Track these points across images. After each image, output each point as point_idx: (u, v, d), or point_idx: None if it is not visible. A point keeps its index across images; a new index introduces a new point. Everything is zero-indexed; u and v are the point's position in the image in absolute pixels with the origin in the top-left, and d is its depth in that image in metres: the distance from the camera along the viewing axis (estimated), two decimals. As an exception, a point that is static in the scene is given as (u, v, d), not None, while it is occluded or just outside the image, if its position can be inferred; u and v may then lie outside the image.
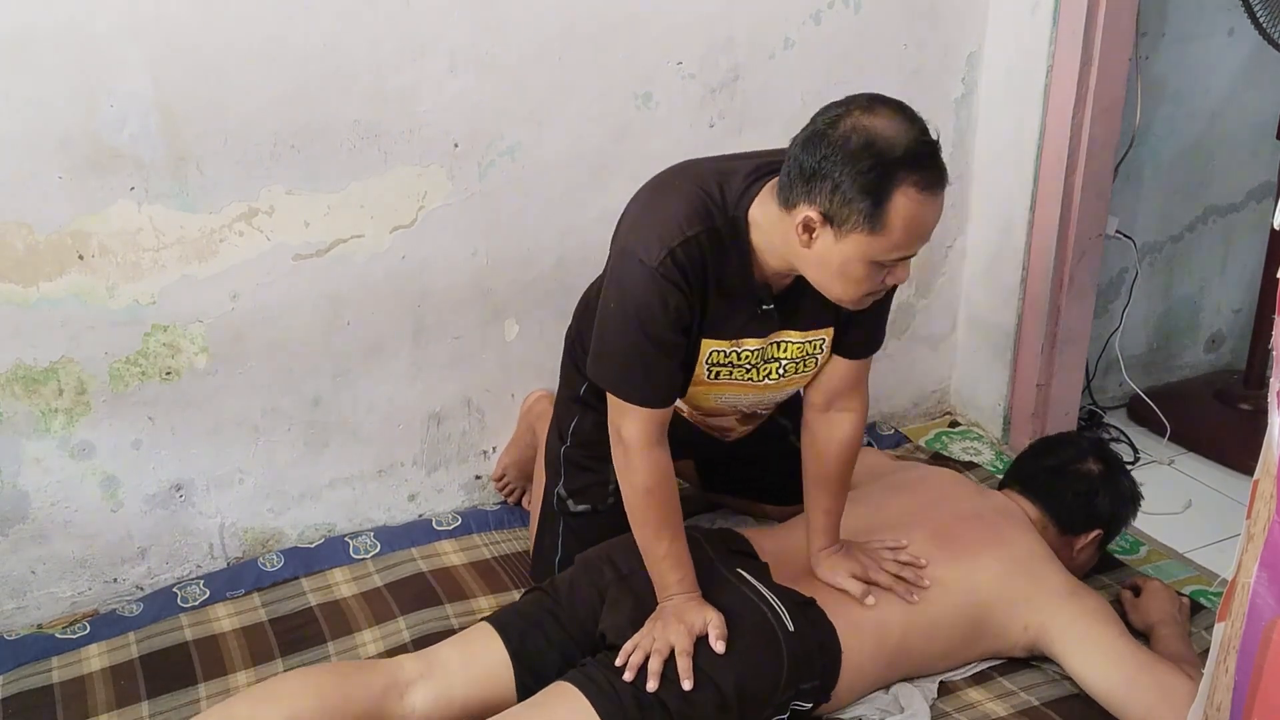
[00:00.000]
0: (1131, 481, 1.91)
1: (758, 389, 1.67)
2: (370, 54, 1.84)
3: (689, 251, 1.47)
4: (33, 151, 1.68)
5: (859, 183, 1.33)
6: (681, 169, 1.59)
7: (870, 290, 1.45)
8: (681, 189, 1.52)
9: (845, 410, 1.70)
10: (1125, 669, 1.60)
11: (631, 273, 1.49)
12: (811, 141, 1.37)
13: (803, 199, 1.38)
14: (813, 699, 1.59)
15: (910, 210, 1.35)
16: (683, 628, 1.51)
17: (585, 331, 1.79)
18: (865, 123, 1.34)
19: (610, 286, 1.55)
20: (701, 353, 1.59)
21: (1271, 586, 1.04)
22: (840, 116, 1.36)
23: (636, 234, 1.52)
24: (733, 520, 2.11)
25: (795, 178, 1.39)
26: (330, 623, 1.87)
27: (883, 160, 1.33)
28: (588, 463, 1.85)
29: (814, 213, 1.37)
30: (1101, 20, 2.14)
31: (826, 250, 1.39)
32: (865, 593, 1.64)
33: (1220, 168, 2.69)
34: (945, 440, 2.51)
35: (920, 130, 1.37)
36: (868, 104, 1.37)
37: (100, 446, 1.88)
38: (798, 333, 1.61)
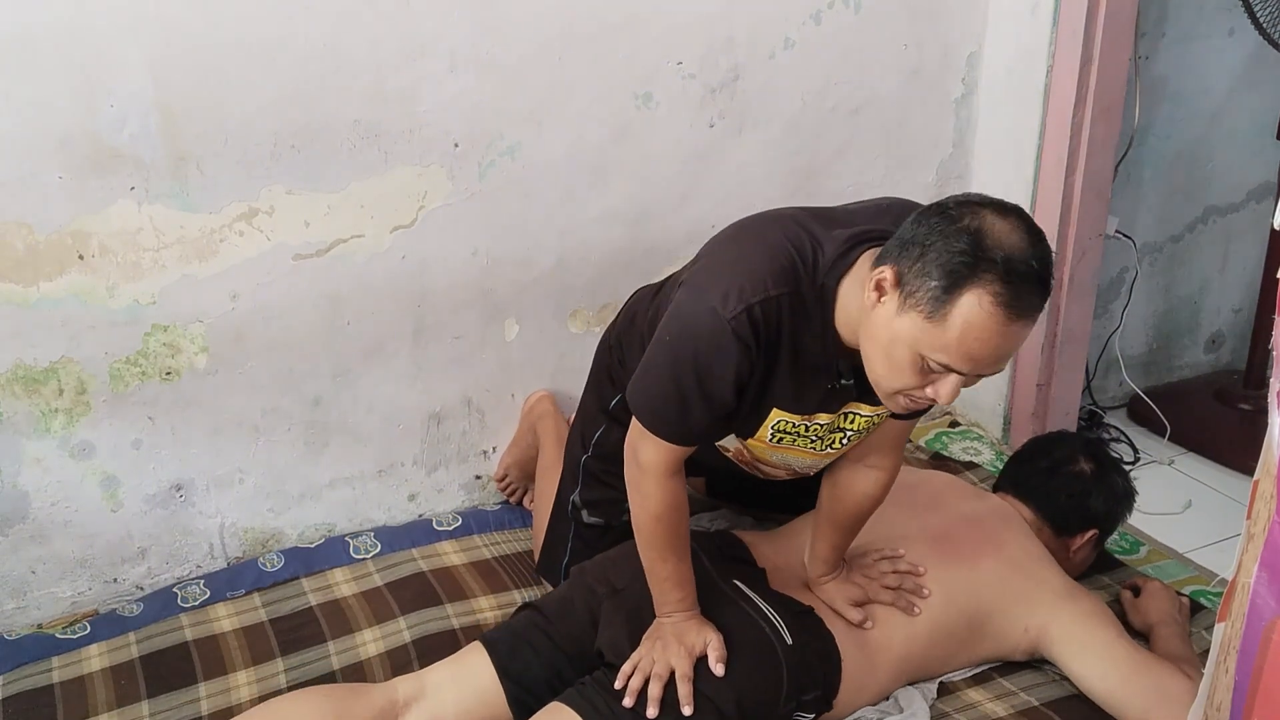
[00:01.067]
0: (1125, 479, 1.91)
1: (820, 456, 1.61)
2: (370, 54, 1.84)
3: (767, 312, 1.38)
4: (33, 151, 1.68)
5: (943, 260, 1.23)
6: (777, 219, 1.48)
7: (907, 387, 1.32)
8: (773, 243, 1.42)
9: (876, 468, 1.64)
10: (1123, 670, 1.60)
11: (700, 316, 1.40)
12: (928, 212, 1.29)
13: (890, 260, 1.29)
14: (815, 709, 1.59)
15: (975, 318, 1.22)
16: (682, 650, 1.49)
17: (626, 343, 1.76)
18: (989, 215, 1.25)
19: (673, 320, 1.46)
20: (768, 419, 1.52)
21: (1271, 586, 1.04)
22: (972, 202, 1.28)
23: (714, 277, 1.42)
24: (732, 520, 2.11)
25: (896, 241, 1.30)
26: (330, 622, 1.87)
27: (978, 251, 1.22)
28: (607, 477, 1.81)
29: (890, 272, 1.28)
30: (1101, 20, 2.15)
31: (885, 319, 1.29)
32: (864, 618, 1.63)
33: (1220, 168, 2.69)
34: (945, 440, 2.51)
35: (1038, 254, 1.24)
36: (1006, 208, 1.28)
37: (100, 446, 1.88)
38: (869, 406, 1.53)
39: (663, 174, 2.15)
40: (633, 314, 1.79)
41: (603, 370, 1.85)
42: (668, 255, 2.20)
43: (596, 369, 1.88)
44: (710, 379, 1.41)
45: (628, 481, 1.54)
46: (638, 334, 1.72)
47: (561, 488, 1.91)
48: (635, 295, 1.85)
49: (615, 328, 1.84)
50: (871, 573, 1.69)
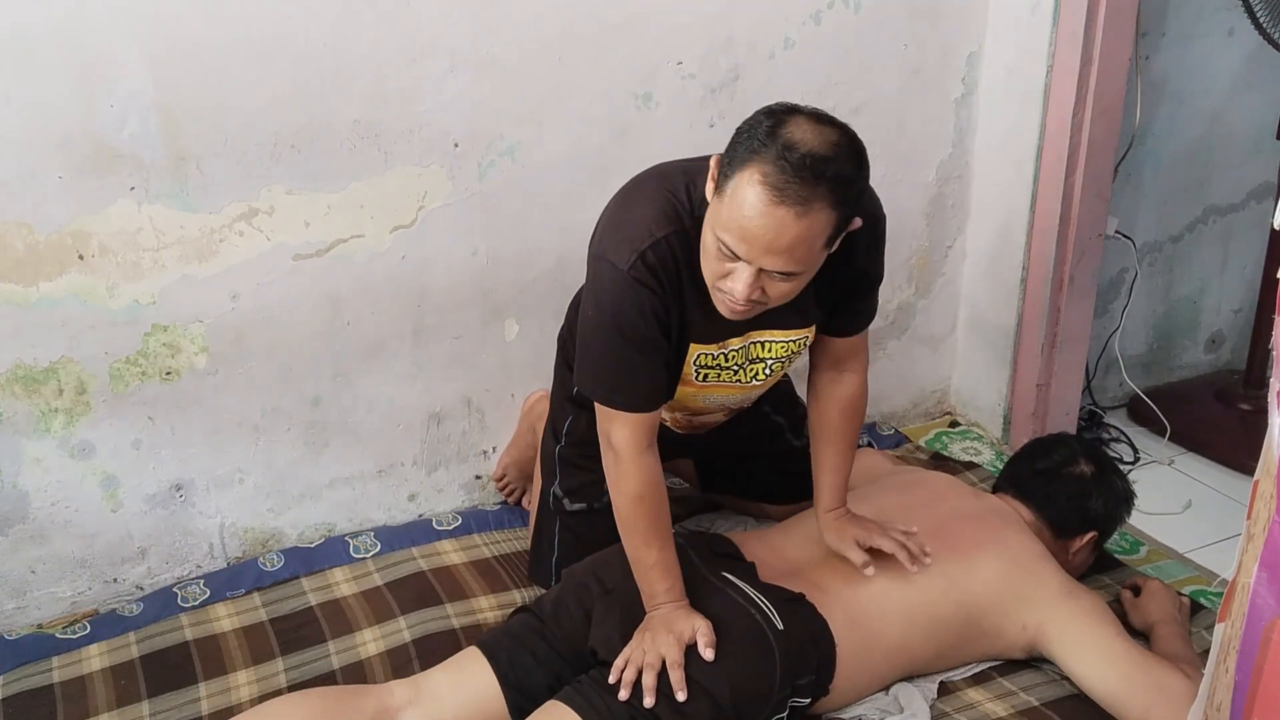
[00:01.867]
0: (1124, 481, 1.91)
1: (745, 389, 1.69)
2: (370, 54, 1.84)
3: (659, 253, 1.47)
4: (33, 151, 1.68)
5: (739, 148, 1.35)
6: (650, 173, 1.59)
7: (716, 277, 1.41)
8: (649, 192, 1.52)
9: (846, 370, 1.73)
10: (1123, 669, 1.60)
11: (605, 277, 1.50)
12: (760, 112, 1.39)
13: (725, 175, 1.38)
14: (811, 694, 1.59)
15: (742, 193, 1.32)
16: (672, 638, 1.50)
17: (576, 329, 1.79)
18: (802, 120, 1.34)
19: (587, 294, 1.55)
20: (689, 356, 1.59)
21: (1271, 586, 1.04)
22: (800, 110, 1.37)
23: (607, 239, 1.52)
24: (732, 522, 2.11)
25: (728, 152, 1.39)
26: (330, 622, 1.87)
27: (766, 138, 1.32)
28: (583, 461, 1.85)
29: (715, 165, 1.39)
30: (1101, 20, 2.14)
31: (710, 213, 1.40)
32: (867, 563, 1.64)
33: (1220, 168, 2.69)
34: (945, 440, 2.51)
35: (822, 152, 1.31)
36: (828, 119, 1.36)
37: (100, 446, 1.88)
38: (780, 331, 1.61)
39: (663, 174, 2.15)
40: (576, 303, 1.84)
41: (563, 363, 1.88)
42: (668, 255, 2.20)
43: (558, 363, 1.91)
44: (634, 329, 1.49)
45: (606, 470, 1.59)
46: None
47: (542, 488, 1.93)
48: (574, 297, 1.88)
49: (566, 320, 1.89)
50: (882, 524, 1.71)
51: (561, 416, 1.88)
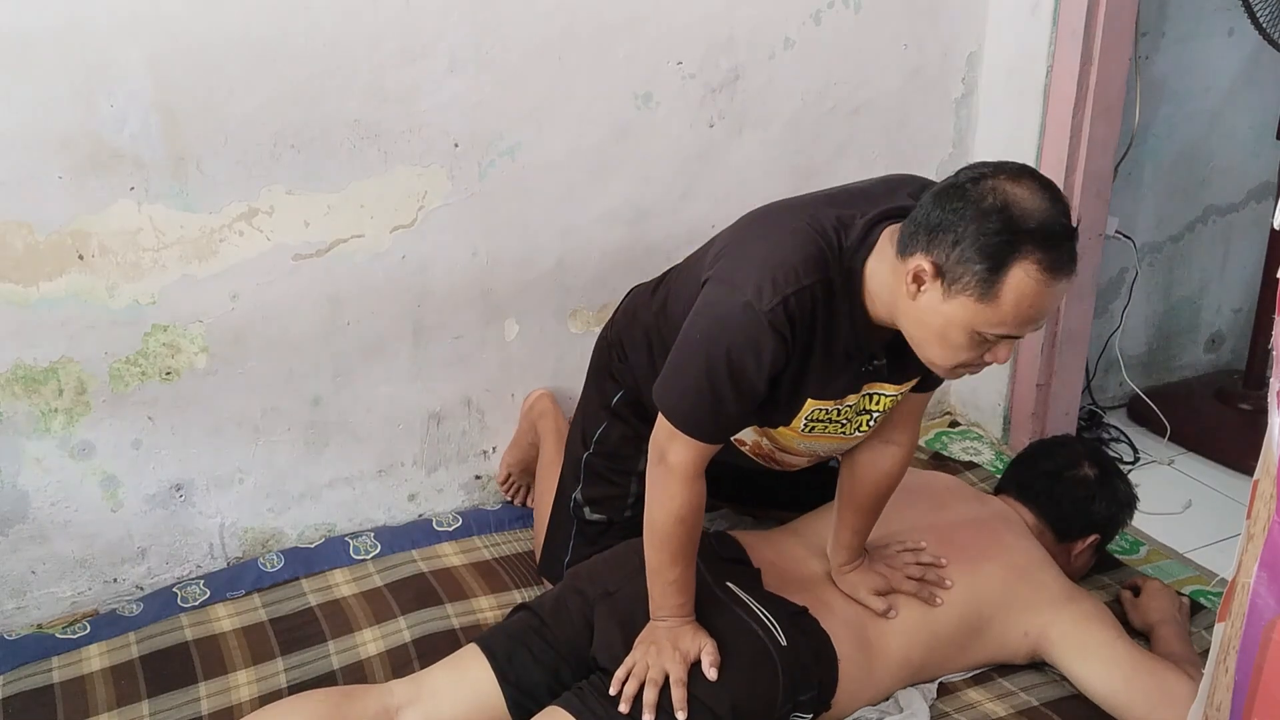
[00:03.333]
0: (1127, 485, 1.90)
1: (847, 440, 1.62)
2: (370, 53, 1.84)
3: (801, 302, 1.39)
4: (33, 151, 1.68)
5: (981, 243, 1.26)
6: (796, 206, 1.50)
7: (966, 362, 1.36)
8: (798, 231, 1.42)
9: (894, 444, 1.66)
10: (1124, 670, 1.60)
11: (733, 310, 1.40)
12: (946, 194, 1.31)
13: (920, 249, 1.31)
14: (812, 709, 1.58)
15: (1026, 288, 1.27)
16: (677, 655, 1.48)
17: (628, 340, 1.77)
18: (1006, 187, 1.27)
19: (702, 317, 1.45)
20: (803, 410, 1.52)
21: (1271, 586, 1.04)
22: (984, 175, 1.30)
23: (743, 270, 1.42)
24: (733, 520, 2.11)
25: (920, 227, 1.32)
26: (331, 622, 1.87)
27: (1012, 227, 1.26)
28: (609, 474, 1.83)
29: (927, 263, 1.30)
30: (1101, 20, 2.14)
31: (931, 307, 1.32)
32: (887, 608, 1.64)
33: (1220, 168, 2.69)
34: (945, 440, 2.51)
35: (1062, 211, 1.28)
36: (1016, 172, 1.30)
37: (100, 446, 1.88)
38: (893, 386, 1.55)
39: (662, 174, 2.15)
40: (633, 310, 1.79)
41: (603, 368, 1.85)
42: (667, 255, 2.19)
43: (596, 367, 1.88)
44: (745, 375, 1.41)
45: (650, 482, 1.53)
46: (641, 330, 1.74)
47: (562, 486, 1.91)
48: (633, 292, 1.86)
49: (615, 325, 1.85)
50: (894, 563, 1.70)
51: (594, 423, 1.84)
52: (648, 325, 1.71)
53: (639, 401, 1.77)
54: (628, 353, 1.77)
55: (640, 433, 1.72)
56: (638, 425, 1.77)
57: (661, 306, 1.68)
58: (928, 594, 1.66)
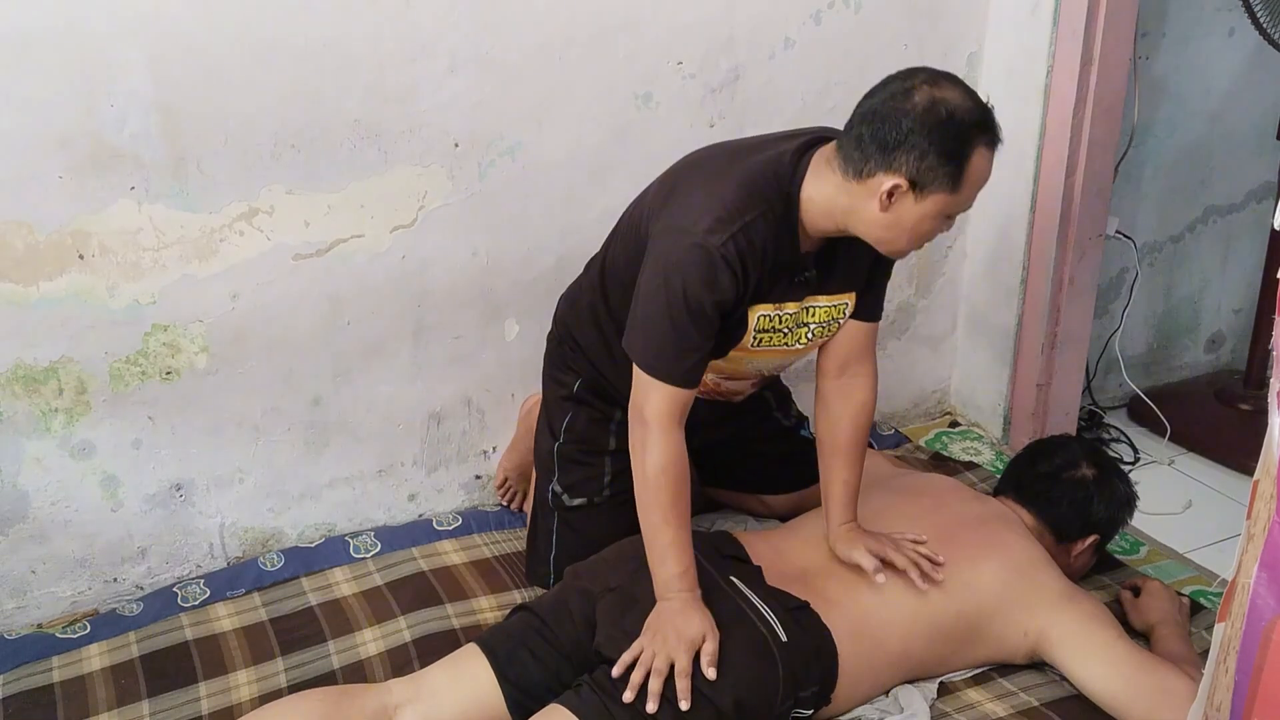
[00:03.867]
0: (1127, 484, 1.90)
1: (789, 354, 1.73)
2: (370, 53, 1.84)
3: (750, 235, 1.51)
4: (33, 151, 1.68)
5: (944, 148, 1.45)
6: (724, 151, 1.63)
7: (927, 240, 1.58)
8: (733, 171, 1.56)
9: (858, 376, 1.76)
10: (1124, 671, 1.60)
11: (686, 253, 1.51)
12: (885, 115, 1.46)
13: (882, 169, 1.47)
14: (813, 705, 1.59)
15: (981, 168, 1.50)
16: (682, 645, 1.49)
17: (576, 324, 1.85)
18: (938, 94, 1.45)
19: (655, 265, 1.55)
20: (750, 319, 1.62)
21: (1271, 586, 1.04)
22: (909, 90, 1.46)
23: (689, 215, 1.53)
24: (732, 522, 2.11)
25: (871, 150, 1.47)
26: (331, 622, 1.87)
27: (962, 127, 1.45)
28: (582, 457, 1.87)
29: (900, 179, 1.46)
30: (1101, 20, 2.14)
31: (904, 212, 1.49)
32: (878, 569, 1.64)
33: (1220, 168, 2.69)
34: (945, 440, 2.51)
35: (978, 97, 1.50)
36: (932, 77, 1.48)
37: (100, 446, 1.88)
38: (826, 297, 1.68)
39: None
40: (571, 300, 1.89)
41: (558, 364, 1.91)
42: (668, 255, 2.20)
43: (551, 367, 1.93)
44: (703, 308, 1.52)
45: (632, 443, 1.59)
46: (585, 310, 1.83)
47: (538, 487, 1.94)
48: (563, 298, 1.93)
49: (557, 323, 1.92)
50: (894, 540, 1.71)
51: (559, 415, 1.89)
52: (591, 303, 1.80)
53: (598, 383, 1.85)
54: (577, 340, 1.85)
55: (605, 413, 1.86)
56: (602, 406, 1.86)
57: (599, 276, 1.77)
58: (919, 574, 1.65)
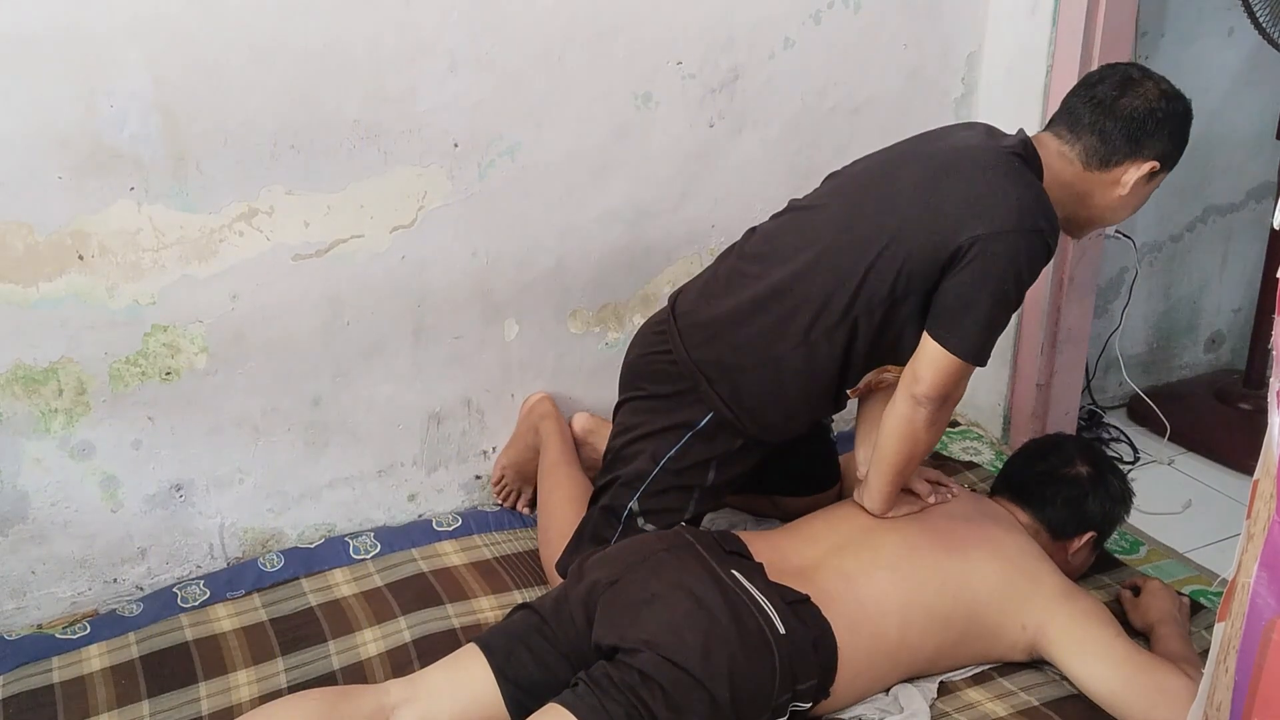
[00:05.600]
0: (1122, 481, 1.90)
1: None
2: (370, 54, 1.84)
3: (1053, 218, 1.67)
4: (33, 151, 1.68)
5: (1183, 136, 1.72)
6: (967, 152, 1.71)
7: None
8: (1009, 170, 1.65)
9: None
10: (1124, 670, 1.60)
11: (1034, 247, 1.61)
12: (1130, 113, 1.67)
13: (1129, 159, 1.67)
14: (811, 698, 1.59)
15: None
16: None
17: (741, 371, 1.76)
18: (1166, 89, 1.71)
19: (1004, 268, 1.60)
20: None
21: (1271, 586, 1.04)
22: (1135, 85, 1.69)
23: (1019, 211, 1.60)
24: (731, 521, 2.11)
25: (1118, 142, 1.67)
26: (331, 622, 1.87)
27: (1190, 119, 1.73)
28: (675, 491, 1.83)
29: (1155, 164, 1.68)
30: (1101, 20, 2.15)
31: (1137, 192, 1.71)
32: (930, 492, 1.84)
33: (1220, 168, 2.69)
34: (945, 440, 2.51)
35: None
36: (1144, 72, 1.72)
37: (100, 446, 1.88)
38: None
39: (662, 174, 2.15)
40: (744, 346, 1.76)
41: (683, 391, 1.81)
42: (667, 255, 2.20)
43: (672, 391, 1.82)
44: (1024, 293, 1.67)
45: (927, 424, 1.70)
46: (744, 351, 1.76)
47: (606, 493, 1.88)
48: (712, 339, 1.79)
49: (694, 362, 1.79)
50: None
51: (666, 444, 1.82)
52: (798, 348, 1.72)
53: (729, 421, 1.78)
54: (738, 382, 1.77)
55: (721, 449, 1.81)
56: (726, 441, 1.81)
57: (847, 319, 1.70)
58: (941, 496, 1.83)
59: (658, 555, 1.63)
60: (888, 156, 1.79)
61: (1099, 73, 1.73)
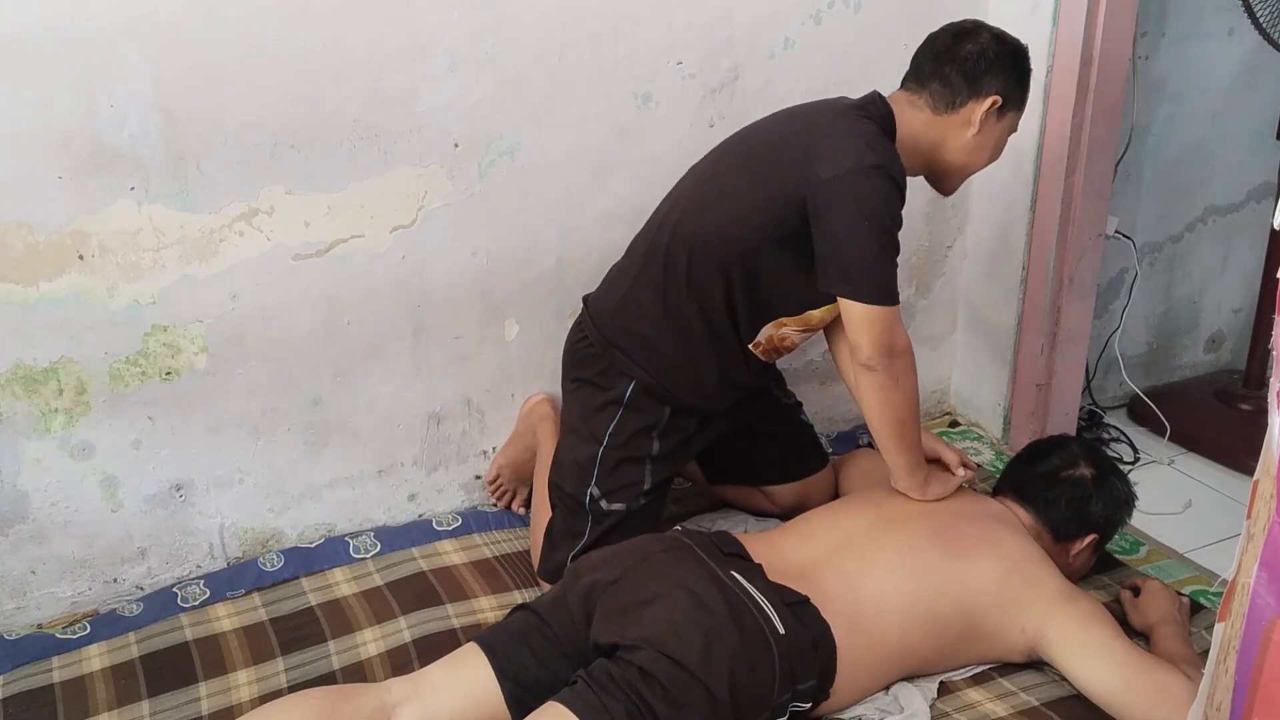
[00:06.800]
0: (1125, 483, 1.90)
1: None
2: (370, 54, 1.84)
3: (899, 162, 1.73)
4: (33, 151, 1.68)
5: (1020, 71, 1.79)
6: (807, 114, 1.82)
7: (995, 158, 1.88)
8: (845, 122, 1.74)
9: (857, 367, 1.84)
10: (1123, 671, 1.60)
11: (875, 181, 1.67)
12: (965, 55, 1.75)
13: (972, 98, 1.76)
14: (811, 698, 1.59)
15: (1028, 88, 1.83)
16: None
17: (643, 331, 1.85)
18: (997, 32, 1.79)
19: (849, 206, 1.66)
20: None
21: (1271, 586, 1.04)
22: (974, 31, 1.79)
23: (853, 153, 1.67)
24: (732, 522, 2.11)
25: (959, 84, 1.76)
26: (331, 622, 1.87)
27: (1025, 55, 1.81)
28: (625, 463, 1.88)
29: (996, 98, 1.76)
30: (1101, 20, 2.15)
31: (989, 132, 1.79)
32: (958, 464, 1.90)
33: (1220, 168, 2.69)
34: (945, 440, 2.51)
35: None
36: (977, 23, 1.81)
37: (100, 446, 1.88)
38: None
39: (663, 174, 2.14)
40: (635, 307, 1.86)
41: (600, 371, 1.89)
42: (668, 255, 2.19)
43: (589, 374, 1.91)
44: (897, 226, 1.71)
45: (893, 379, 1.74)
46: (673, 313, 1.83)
47: (567, 489, 1.91)
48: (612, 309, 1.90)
49: (603, 332, 1.89)
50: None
51: (603, 421, 1.88)
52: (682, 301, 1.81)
53: (652, 386, 1.85)
54: (646, 343, 1.85)
55: (654, 416, 1.88)
56: (653, 408, 1.87)
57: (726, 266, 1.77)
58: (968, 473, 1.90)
59: (657, 555, 1.63)
60: (761, 120, 1.88)
61: (938, 30, 1.83)
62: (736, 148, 1.86)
